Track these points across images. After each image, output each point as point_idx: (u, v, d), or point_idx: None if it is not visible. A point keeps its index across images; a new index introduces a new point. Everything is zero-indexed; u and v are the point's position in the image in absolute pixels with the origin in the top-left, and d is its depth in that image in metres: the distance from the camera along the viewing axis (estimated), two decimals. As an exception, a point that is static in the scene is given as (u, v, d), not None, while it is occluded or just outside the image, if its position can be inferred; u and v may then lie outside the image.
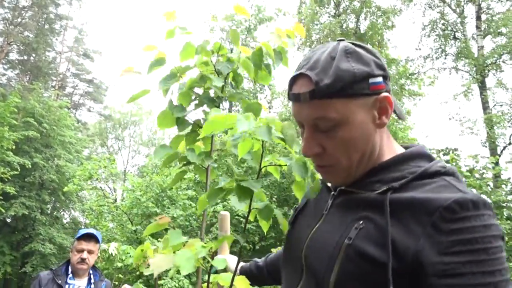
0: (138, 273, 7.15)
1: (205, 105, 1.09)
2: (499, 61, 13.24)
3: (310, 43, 15.64)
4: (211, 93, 1.10)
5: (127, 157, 28.37)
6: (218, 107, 1.07)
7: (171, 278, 7.84)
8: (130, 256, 5.80)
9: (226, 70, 1.06)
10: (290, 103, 1.03)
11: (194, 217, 10.16)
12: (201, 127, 1.05)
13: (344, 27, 15.06)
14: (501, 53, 13.02)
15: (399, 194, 0.76)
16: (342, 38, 0.84)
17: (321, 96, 0.77)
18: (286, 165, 0.88)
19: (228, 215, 1.18)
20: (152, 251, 0.98)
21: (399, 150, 0.88)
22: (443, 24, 14.26)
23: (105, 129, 28.65)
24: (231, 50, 1.15)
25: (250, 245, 11.28)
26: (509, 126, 12.61)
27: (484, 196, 0.73)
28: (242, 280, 0.95)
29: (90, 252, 2.92)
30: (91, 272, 2.97)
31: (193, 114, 1.17)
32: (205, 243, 0.89)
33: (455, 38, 14.12)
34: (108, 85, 30.78)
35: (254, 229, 10.63)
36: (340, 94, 0.77)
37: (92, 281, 2.93)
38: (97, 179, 11.63)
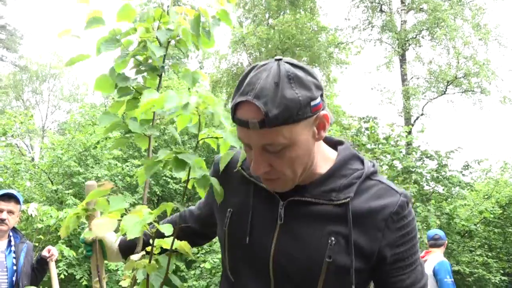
0: (59, 233, 6.94)
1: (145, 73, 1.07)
2: (419, 37, 14.11)
3: (243, 4, 15.45)
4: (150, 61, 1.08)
5: (45, 113, 26.57)
6: (161, 76, 1.08)
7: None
8: (51, 217, 5.61)
9: (164, 37, 1.05)
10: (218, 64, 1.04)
11: (119, 177, 9.94)
12: (141, 94, 1.05)
13: (278, -10, 15.02)
14: (421, 29, 13.86)
15: (356, 202, 0.93)
16: (280, 58, 0.89)
17: (270, 125, 0.83)
18: (222, 137, 0.94)
19: (95, 184, 1.14)
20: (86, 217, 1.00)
21: (328, 151, 1.01)
22: (371, -4, 14.76)
23: (20, 81, 26.34)
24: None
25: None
26: (423, 98, 13.67)
27: (403, 189, 0.95)
28: (185, 243, 1.01)
29: (10, 212, 2.80)
30: (11, 234, 2.87)
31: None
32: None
33: (381, 11, 14.73)
34: (24, 33, 28.09)
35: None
36: (288, 121, 0.83)
37: (13, 243, 2.83)
38: (12, 135, 10.84)
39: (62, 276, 7.04)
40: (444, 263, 4.07)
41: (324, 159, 0.97)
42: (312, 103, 0.85)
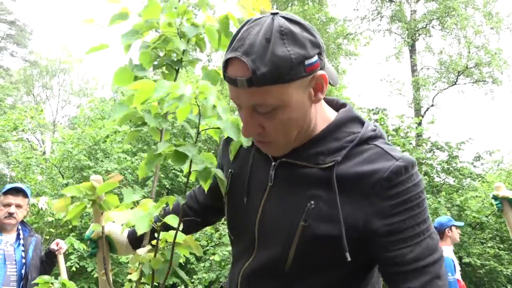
0: (70, 226, 7.01)
1: (164, 67, 1.07)
2: (429, 26, 13.90)
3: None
4: (172, 55, 1.08)
5: (56, 107, 26.79)
6: (177, 71, 1.07)
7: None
8: (61, 210, 5.66)
9: (191, 33, 1.04)
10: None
11: (129, 170, 10.00)
12: None
13: (286, -18, 14.89)
14: (431, 18, 13.66)
15: (344, 167, 0.85)
16: (276, 11, 0.81)
17: (258, 84, 0.77)
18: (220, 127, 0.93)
19: (101, 179, 1.14)
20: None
21: (330, 113, 0.94)
22: (380, -14, 14.56)
23: (30, 76, 26.56)
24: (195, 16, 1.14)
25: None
26: (433, 89, 13.50)
27: (407, 154, 0.87)
28: (189, 237, 1.01)
29: (18, 206, 2.83)
30: (19, 227, 2.90)
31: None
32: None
33: (391, 0, 14.53)
34: (33, 28, 28.27)
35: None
36: (277, 81, 0.77)
37: (21, 236, 2.86)
38: (23, 130, 10.95)
39: (73, 268, 7.14)
40: (447, 260, 3.83)
41: (323, 121, 0.91)
42: (307, 62, 0.78)
